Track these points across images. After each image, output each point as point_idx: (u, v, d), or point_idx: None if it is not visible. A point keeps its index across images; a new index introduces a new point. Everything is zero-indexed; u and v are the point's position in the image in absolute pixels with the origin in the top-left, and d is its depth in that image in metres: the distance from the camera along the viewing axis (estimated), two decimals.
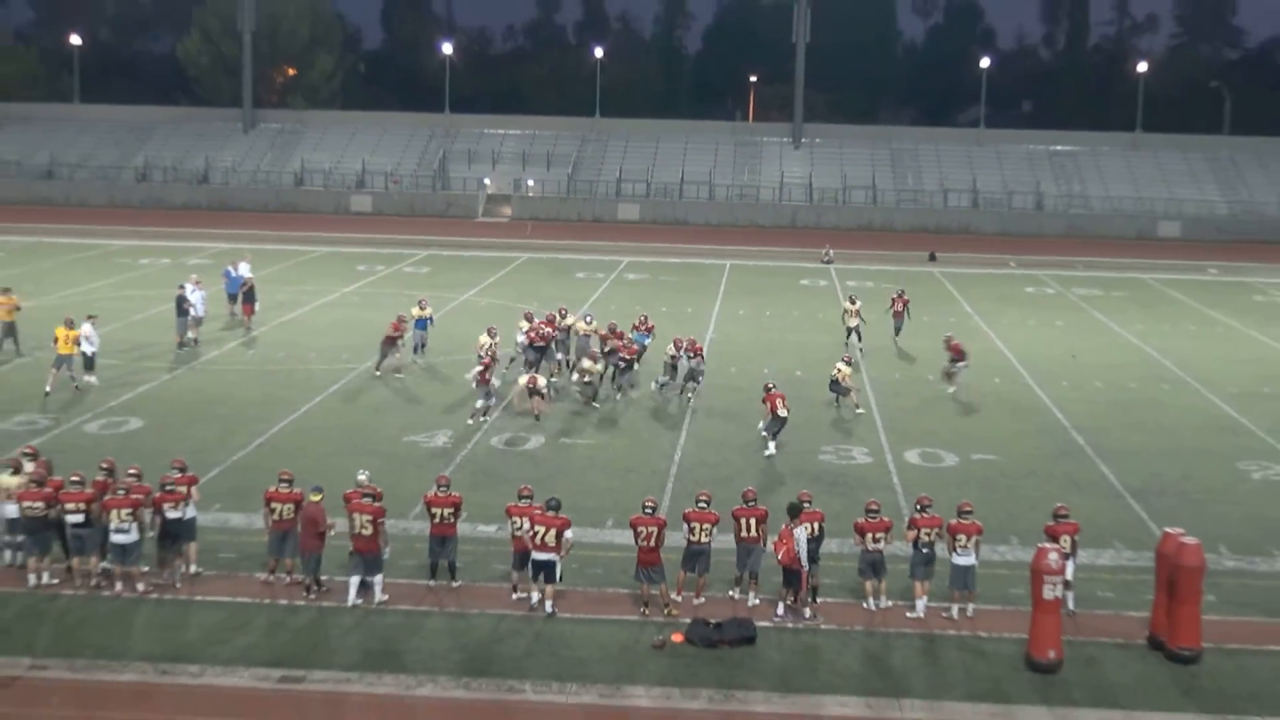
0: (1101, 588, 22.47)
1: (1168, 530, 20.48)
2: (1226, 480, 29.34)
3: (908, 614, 20.93)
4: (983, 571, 21.40)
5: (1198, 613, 19.62)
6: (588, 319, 38.74)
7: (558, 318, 38.61)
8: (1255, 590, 22.73)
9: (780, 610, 20.83)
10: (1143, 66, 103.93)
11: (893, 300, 41.82)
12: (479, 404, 32.31)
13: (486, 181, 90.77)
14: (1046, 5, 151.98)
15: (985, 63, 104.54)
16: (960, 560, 20.79)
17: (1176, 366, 41.68)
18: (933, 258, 69.94)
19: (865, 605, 21.12)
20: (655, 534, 20.63)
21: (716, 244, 74.33)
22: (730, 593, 21.52)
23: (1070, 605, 20.91)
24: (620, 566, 21.93)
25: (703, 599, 21.20)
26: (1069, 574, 20.46)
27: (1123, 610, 21.51)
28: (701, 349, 36.21)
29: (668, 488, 27.39)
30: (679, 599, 21.10)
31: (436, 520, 21.46)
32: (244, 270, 45.29)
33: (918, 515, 21.27)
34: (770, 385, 31.25)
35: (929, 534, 20.91)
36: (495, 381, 32.78)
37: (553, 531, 20.52)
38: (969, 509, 21.25)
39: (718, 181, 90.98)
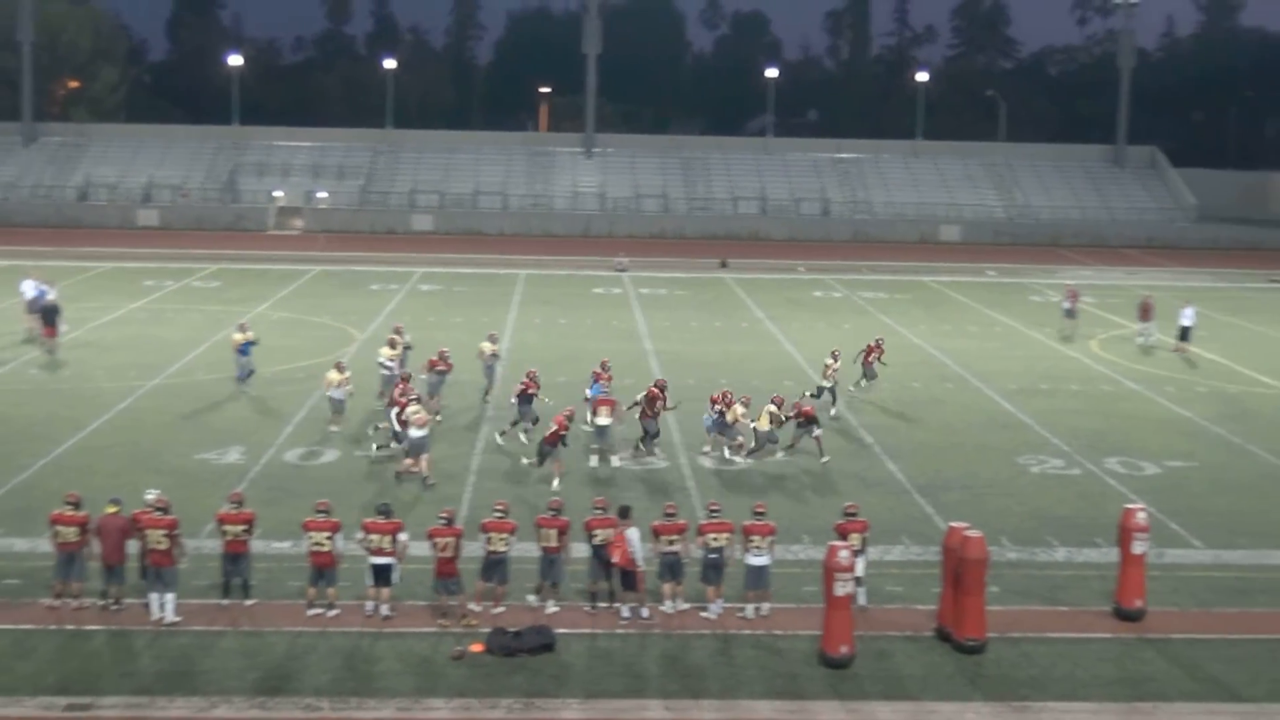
0: (891, 582, 23.07)
1: (953, 525, 21.13)
2: (1007, 474, 30.38)
3: (701, 614, 21.24)
4: (776, 570, 21.77)
5: (982, 604, 20.27)
6: (492, 338, 36.82)
7: (399, 339, 35.57)
8: (1036, 580, 23.60)
9: (625, 612, 21.03)
10: (922, 76, 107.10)
11: (869, 348, 39.98)
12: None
13: (277, 194, 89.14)
14: (830, 17, 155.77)
15: (772, 73, 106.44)
16: (755, 560, 21.13)
17: (958, 365, 43.02)
18: (724, 264, 70.87)
19: (662, 608, 21.35)
20: (452, 545, 20.64)
21: (511, 254, 74.17)
22: (528, 598, 21.59)
23: (861, 600, 21.41)
24: (417, 578, 21.79)
25: (502, 608, 21.21)
26: (860, 570, 20.91)
27: (911, 604, 22.14)
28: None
29: (465, 498, 27.32)
30: (478, 609, 21.09)
31: (229, 538, 21.10)
32: (28, 287, 44.03)
33: (705, 521, 21.62)
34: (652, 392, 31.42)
35: (716, 539, 21.22)
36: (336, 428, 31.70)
37: (388, 537, 20.73)
38: (762, 510, 21.66)
39: (511, 192, 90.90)
